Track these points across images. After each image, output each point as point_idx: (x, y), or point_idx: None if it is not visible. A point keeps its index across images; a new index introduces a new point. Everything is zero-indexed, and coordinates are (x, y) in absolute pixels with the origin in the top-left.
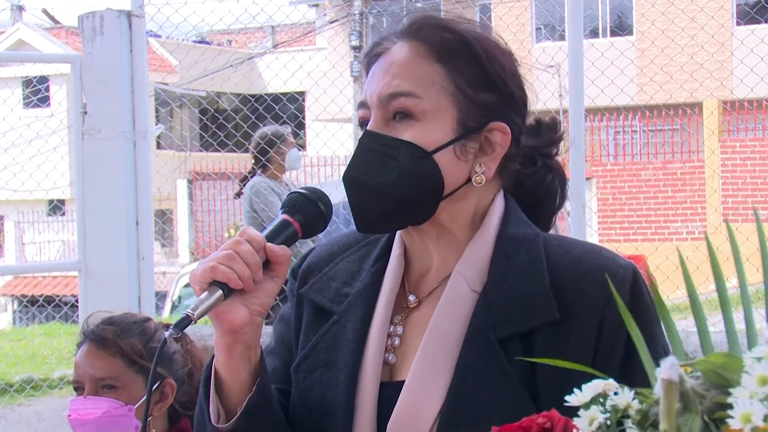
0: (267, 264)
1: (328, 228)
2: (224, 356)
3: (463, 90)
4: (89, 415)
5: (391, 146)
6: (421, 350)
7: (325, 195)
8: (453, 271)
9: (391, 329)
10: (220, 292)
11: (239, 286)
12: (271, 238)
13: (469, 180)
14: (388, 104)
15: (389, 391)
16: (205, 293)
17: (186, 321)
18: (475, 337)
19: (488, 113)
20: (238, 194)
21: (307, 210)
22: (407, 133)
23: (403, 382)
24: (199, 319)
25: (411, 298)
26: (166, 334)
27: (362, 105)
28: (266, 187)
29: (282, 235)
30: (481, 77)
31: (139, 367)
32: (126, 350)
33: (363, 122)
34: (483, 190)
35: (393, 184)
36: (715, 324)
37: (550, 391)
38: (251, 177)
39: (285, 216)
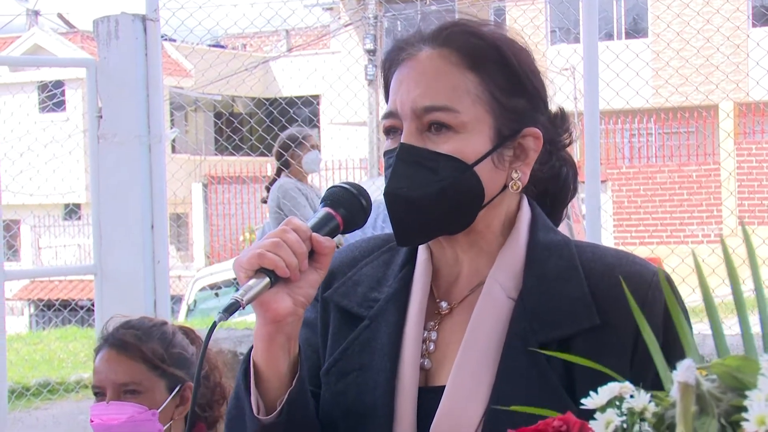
0: (311, 255)
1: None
2: (265, 346)
3: (497, 97)
4: (113, 420)
5: (430, 159)
6: (460, 356)
7: (365, 190)
8: (487, 277)
9: (425, 335)
10: (267, 279)
11: (286, 274)
12: (315, 229)
13: (505, 187)
14: (423, 116)
15: (426, 396)
16: (253, 280)
17: (235, 306)
18: (515, 343)
19: (520, 119)
20: (265, 200)
21: (350, 204)
22: (446, 145)
23: (440, 387)
24: (247, 305)
25: (443, 304)
26: (216, 319)
27: (390, 115)
28: (294, 188)
29: (326, 227)
30: (512, 82)
31: (161, 371)
32: (148, 355)
33: (389, 130)
34: (511, 195)
35: (435, 199)
36: (731, 327)
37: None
38: (278, 178)
39: (328, 209)
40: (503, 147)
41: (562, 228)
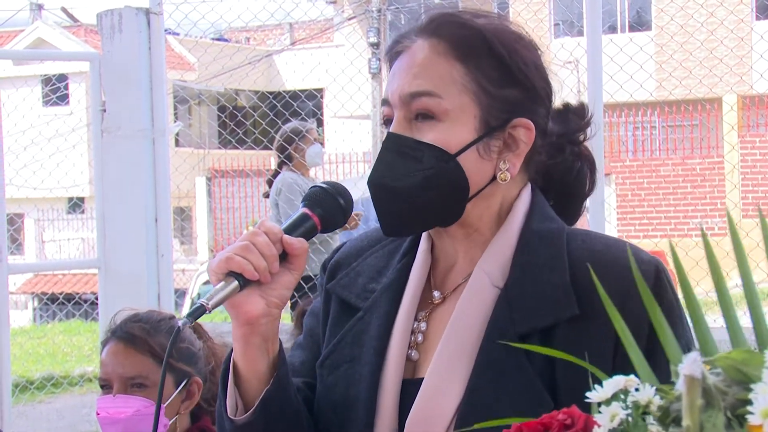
0: (285, 256)
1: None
2: (241, 347)
3: (485, 87)
4: (120, 414)
5: (414, 149)
6: (441, 347)
7: (346, 189)
8: (475, 266)
9: (415, 325)
10: (236, 282)
11: (255, 277)
12: (289, 230)
13: (494, 178)
14: (410, 104)
15: (411, 388)
16: (221, 283)
17: (200, 310)
18: (495, 333)
19: (511, 109)
20: (267, 194)
21: (327, 204)
22: (430, 134)
23: (423, 379)
24: (213, 308)
25: (436, 294)
26: (180, 323)
27: (385, 102)
28: (294, 182)
29: (300, 228)
30: (503, 73)
31: (168, 365)
32: (155, 348)
33: (386, 121)
34: (508, 186)
35: (417, 188)
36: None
37: (569, 387)
38: (281, 171)
39: (305, 209)
40: (491, 137)
41: None
